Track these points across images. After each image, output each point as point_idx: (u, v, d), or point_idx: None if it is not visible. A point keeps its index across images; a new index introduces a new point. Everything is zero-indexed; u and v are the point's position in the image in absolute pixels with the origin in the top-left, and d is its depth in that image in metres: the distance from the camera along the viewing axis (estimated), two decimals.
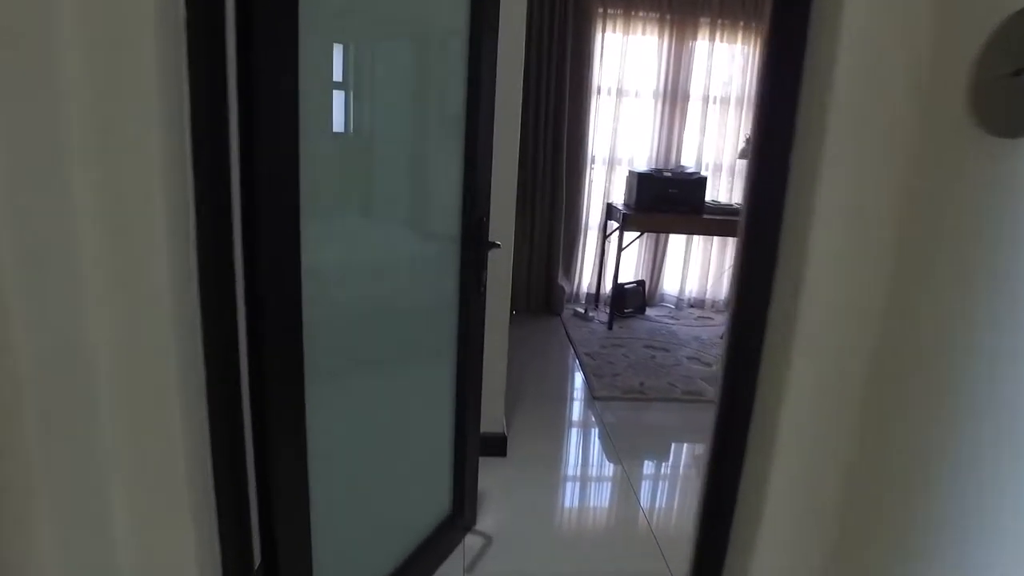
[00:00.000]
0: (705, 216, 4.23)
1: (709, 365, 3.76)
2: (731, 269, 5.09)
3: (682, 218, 4.19)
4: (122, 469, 0.99)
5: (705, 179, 4.25)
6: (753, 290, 1.30)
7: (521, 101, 2.46)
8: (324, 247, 1.27)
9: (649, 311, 4.80)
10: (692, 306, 5.01)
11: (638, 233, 4.36)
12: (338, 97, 1.31)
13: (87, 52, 0.85)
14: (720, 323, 4.63)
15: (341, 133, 1.37)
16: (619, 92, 4.58)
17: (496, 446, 2.59)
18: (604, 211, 4.69)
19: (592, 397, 3.28)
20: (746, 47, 4.59)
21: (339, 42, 1.29)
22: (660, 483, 2.60)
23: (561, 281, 4.66)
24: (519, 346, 3.89)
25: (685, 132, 4.66)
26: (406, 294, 1.66)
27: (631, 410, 3.20)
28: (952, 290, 1.03)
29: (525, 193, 4.47)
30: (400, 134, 1.57)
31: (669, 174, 4.21)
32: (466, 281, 1.78)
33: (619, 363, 3.71)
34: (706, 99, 4.63)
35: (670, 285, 5.00)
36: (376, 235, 1.52)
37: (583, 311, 4.57)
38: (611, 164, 4.70)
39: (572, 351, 3.94)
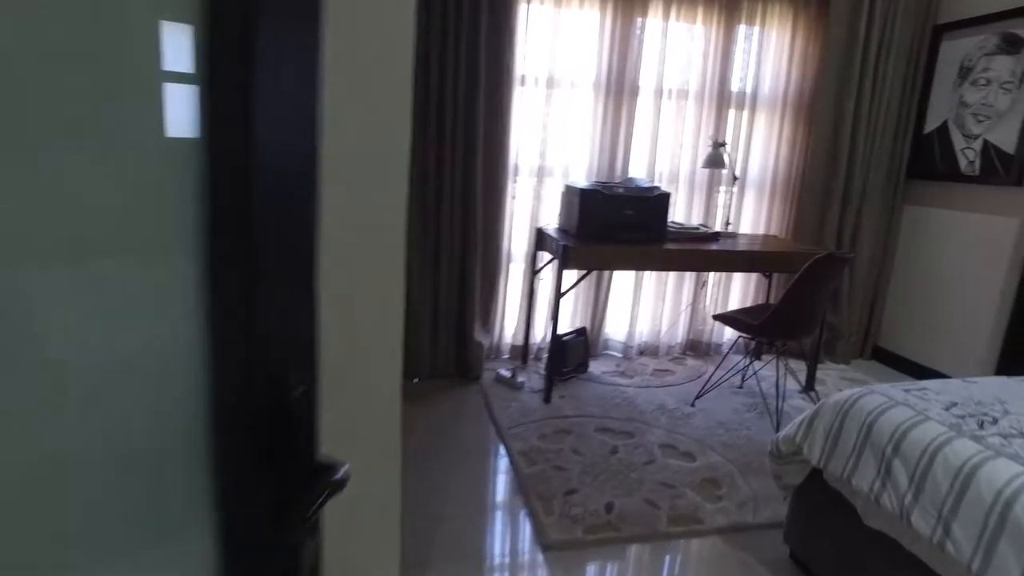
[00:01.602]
0: (668, 246, 3.18)
1: (692, 458, 2.70)
2: (693, 306, 4.16)
3: (641, 250, 3.11)
4: None
5: (668, 196, 3.20)
6: None
7: (411, 98, 1.33)
8: None
9: (593, 365, 3.70)
10: (643, 354, 3.97)
11: (582, 272, 3.24)
12: None
13: None
14: (683, 378, 3.60)
15: None
16: (550, 83, 3.45)
17: None
18: (533, 238, 3.54)
19: (541, 546, 2.11)
20: (708, 27, 3.60)
21: None
22: None
23: (478, 335, 3.47)
24: (421, 444, 2.67)
25: (635, 134, 3.61)
26: None
27: (602, 565, 2.07)
28: None
29: (426, 217, 3.25)
30: None
31: (622, 190, 3.12)
32: None
33: (570, 466, 2.57)
34: (659, 92, 3.59)
35: (616, 329, 3.94)
36: None
37: (509, 374, 3.40)
38: (540, 176, 3.57)
39: (500, 446, 2.75)
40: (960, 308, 3.67)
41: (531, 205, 3.60)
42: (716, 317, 3.20)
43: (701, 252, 3.14)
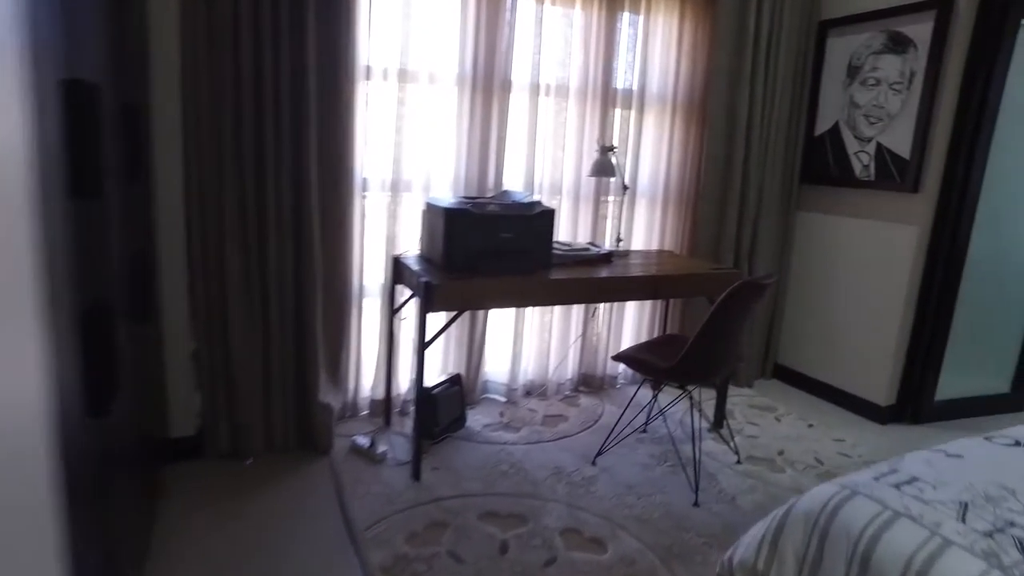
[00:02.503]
0: (555, 274, 2.61)
1: (602, 546, 2.13)
2: (584, 337, 3.65)
3: (522, 282, 2.51)
4: None
5: (552, 213, 2.62)
6: None
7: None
8: None
9: (472, 416, 3.06)
10: (530, 394, 3.39)
11: (452, 313, 2.56)
12: None
13: None
14: (579, 423, 3.06)
15: None
16: (403, 76, 2.77)
17: None
18: (390, 269, 2.84)
19: None
20: (588, 13, 3.08)
21: None
22: None
23: (324, 396, 2.71)
24: (238, 570, 1.90)
25: (508, 138, 3.01)
26: None
27: None
28: None
29: (246, 249, 2.46)
30: None
31: (496, 208, 2.51)
32: None
33: None
34: (536, 88, 3.02)
35: (497, 369, 3.33)
36: None
37: (367, 443, 2.68)
38: (396, 190, 2.88)
39: (353, 558, 2.03)
40: (860, 320, 3.42)
41: (386, 226, 2.89)
42: (617, 358, 2.67)
43: (595, 281, 2.60)
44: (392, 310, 2.85)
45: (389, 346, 2.91)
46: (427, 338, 2.41)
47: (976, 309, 3.32)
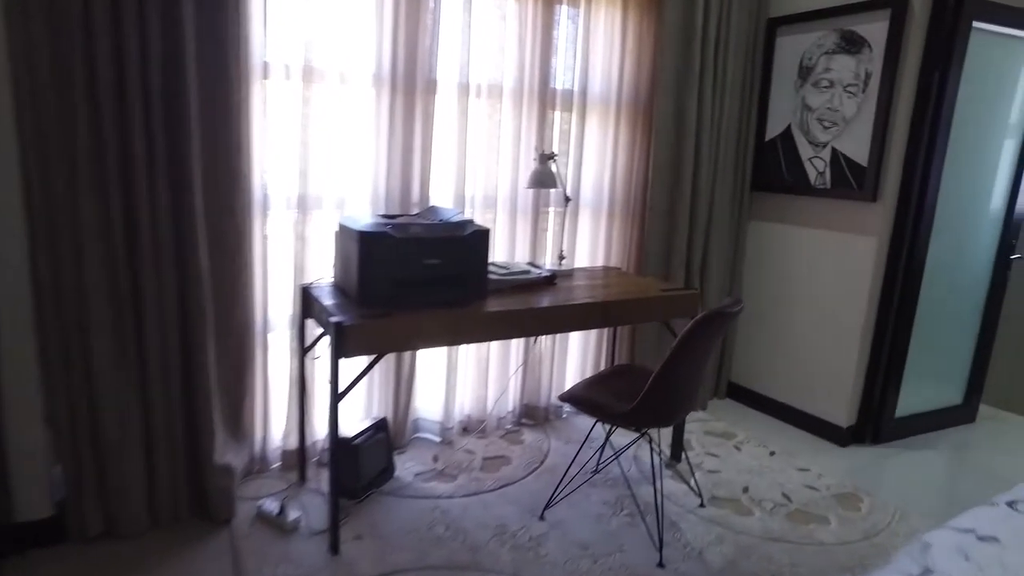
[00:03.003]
0: (492, 305, 2.26)
1: None
2: (525, 366, 3.05)
3: (454, 316, 2.14)
4: None
5: (487, 233, 2.26)
6: None
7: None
8: None
9: (401, 463, 2.68)
10: (468, 431, 3.03)
11: (371, 357, 2.16)
12: None
13: None
14: (523, 466, 2.72)
15: None
16: (308, 74, 2.36)
17: None
18: (299, 301, 2.42)
19: None
20: (523, 5, 2.74)
21: None
22: None
23: (222, 455, 2.28)
24: None
25: (435, 146, 2.64)
26: None
27: None
28: None
29: (115, 280, 2.00)
30: None
31: (421, 229, 2.14)
32: None
33: None
34: (465, 88, 2.67)
35: (429, 406, 2.95)
36: None
37: (276, 509, 2.26)
38: (303, 208, 2.46)
39: None
40: (818, 337, 3.22)
41: (294, 250, 2.47)
42: (565, 399, 2.34)
43: (538, 312, 2.26)
44: (303, 348, 2.44)
45: (301, 389, 2.49)
46: (342, 388, 2.02)
47: (931, 320, 3.17)
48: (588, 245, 3.18)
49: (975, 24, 2.85)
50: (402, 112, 2.53)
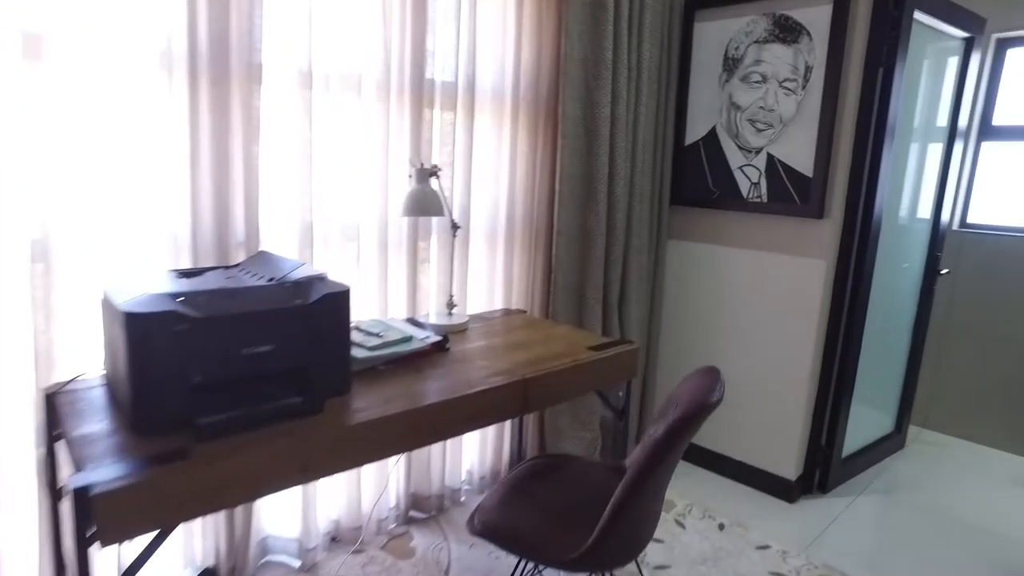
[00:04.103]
0: (358, 402, 1.50)
1: None
2: (408, 456, 2.32)
3: (298, 436, 1.35)
4: None
5: (345, 294, 1.48)
6: None
7: None
8: None
9: None
10: (336, 540, 2.24)
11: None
12: None
13: None
14: None
15: None
16: (47, 49, 1.46)
17: None
18: (43, 415, 1.51)
19: None
20: None
21: None
22: None
23: None
24: None
25: (262, 160, 1.82)
26: None
27: None
28: None
29: None
30: None
31: (239, 302, 1.32)
32: None
33: None
34: (308, 78, 1.86)
35: (280, 519, 2.12)
36: None
37: None
38: (46, 260, 1.55)
39: None
40: (759, 379, 2.74)
41: (33, 327, 1.56)
42: (478, 533, 1.61)
43: (430, 410, 1.52)
44: (54, 491, 1.53)
45: (57, 545, 1.58)
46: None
47: (869, 347, 2.80)
48: (484, 282, 2.48)
49: (915, 16, 2.47)
50: (210, 107, 1.69)
